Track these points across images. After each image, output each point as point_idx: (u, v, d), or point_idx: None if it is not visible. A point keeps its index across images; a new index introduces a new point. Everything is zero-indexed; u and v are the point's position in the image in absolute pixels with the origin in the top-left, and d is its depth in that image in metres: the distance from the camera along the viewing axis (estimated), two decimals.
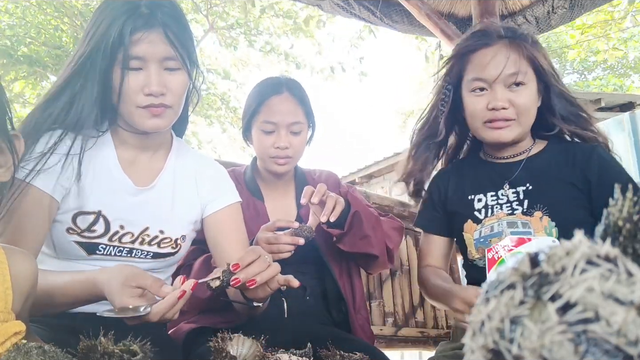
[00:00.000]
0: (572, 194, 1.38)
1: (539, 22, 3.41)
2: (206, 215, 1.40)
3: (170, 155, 1.38)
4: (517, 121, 1.39)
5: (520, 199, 1.41)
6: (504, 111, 1.37)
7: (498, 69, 1.37)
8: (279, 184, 1.72)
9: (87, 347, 0.92)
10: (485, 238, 1.45)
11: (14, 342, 0.84)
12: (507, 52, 1.39)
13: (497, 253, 1.19)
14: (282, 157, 1.60)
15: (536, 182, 1.41)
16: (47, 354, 0.79)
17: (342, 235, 1.53)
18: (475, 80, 1.41)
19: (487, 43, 1.42)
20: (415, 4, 3.31)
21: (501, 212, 1.43)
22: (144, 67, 1.20)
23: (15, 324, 0.86)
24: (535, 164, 1.44)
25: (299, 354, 1.23)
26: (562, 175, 1.39)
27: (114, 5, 1.22)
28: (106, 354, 0.90)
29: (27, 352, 0.78)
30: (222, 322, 1.48)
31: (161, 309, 1.02)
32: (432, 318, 2.54)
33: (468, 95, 1.43)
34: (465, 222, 1.49)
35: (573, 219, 1.34)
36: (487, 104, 1.38)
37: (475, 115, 1.41)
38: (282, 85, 1.63)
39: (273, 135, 1.59)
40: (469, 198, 1.50)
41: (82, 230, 1.24)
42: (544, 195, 1.39)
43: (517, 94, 1.38)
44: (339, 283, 1.63)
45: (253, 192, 1.69)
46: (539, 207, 1.38)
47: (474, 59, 1.43)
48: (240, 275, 1.05)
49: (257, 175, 1.74)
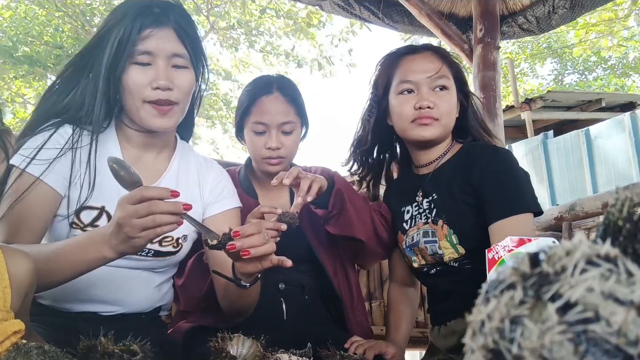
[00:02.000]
0: (463, 199, 1.44)
1: (540, 22, 3.41)
2: (206, 217, 1.41)
3: (175, 157, 1.39)
4: (440, 122, 1.48)
5: (431, 208, 1.51)
6: (429, 110, 1.47)
7: (425, 72, 1.49)
8: None
9: (87, 347, 0.92)
10: (410, 247, 1.53)
11: (14, 341, 0.84)
12: (433, 58, 1.52)
13: (497, 253, 1.19)
14: (275, 157, 1.59)
15: (439, 192, 1.50)
16: (47, 354, 0.79)
17: (328, 216, 1.52)
18: (403, 82, 1.51)
19: (414, 50, 1.56)
20: (416, 4, 3.31)
21: (420, 222, 1.52)
22: (152, 63, 1.22)
23: (14, 323, 0.86)
24: (443, 172, 1.52)
25: (299, 354, 1.23)
26: (458, 181, 1.47)
27: (127, 5, 1.25)
28: (106, 354, 0.91)
29: (27, 352, 0.78)
30: (221, 322, 1.48)
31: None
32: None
33: (396, 98, 1.53)
34: (397, 234, 1.60)
35: (467, 224, 1.42)
36: (415, 104, 1.48)
37: (403, 115, 1.50)
38: (273, 84, 1.62)
39: (264, 136, 1.59)
40: (401, 210, 1.60)
41: (86, 225, 1.24)
42: (444, 204, 1.48)
43: (441, 97, 1.49)
44: (334, 281, 1.63)
45: (247, 190, 1.69)
46: (442, 215, 1.47)
47: (401, 64, 1.54)
48: (237, 243, 1.06)
49: (252, 174, 1.74)
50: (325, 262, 1.63)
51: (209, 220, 1.40)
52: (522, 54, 16.56)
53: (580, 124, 9.05)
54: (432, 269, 1.49)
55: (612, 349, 0.32)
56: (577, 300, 0.34)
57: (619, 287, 0.34)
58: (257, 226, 1.11)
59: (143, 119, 1.25)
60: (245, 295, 1.28)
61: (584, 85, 16.72)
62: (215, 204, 1.42)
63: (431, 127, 1.48)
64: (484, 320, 0.37)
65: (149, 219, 0.97)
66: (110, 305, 1.30)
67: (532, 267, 0.37)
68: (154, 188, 1.02)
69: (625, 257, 0.36)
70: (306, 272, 1.64)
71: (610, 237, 0.41)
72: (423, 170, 1.58)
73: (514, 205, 1.36)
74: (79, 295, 1.25)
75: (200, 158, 1.48)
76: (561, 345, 0.33)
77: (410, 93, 1.50)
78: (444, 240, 1.43)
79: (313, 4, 3.72)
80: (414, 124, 1.49)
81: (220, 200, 1.43)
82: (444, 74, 1.50)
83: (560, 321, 0.33)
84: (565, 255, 0.36)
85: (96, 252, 1.04)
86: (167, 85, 1.22)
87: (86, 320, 1.25)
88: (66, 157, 1.24)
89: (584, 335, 0.33)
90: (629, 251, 0.40)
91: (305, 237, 1.62)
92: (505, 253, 1.18)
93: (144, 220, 0.97)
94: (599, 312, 0.33)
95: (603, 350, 0.32)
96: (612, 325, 0.32)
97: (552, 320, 0.33)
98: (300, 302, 1.60)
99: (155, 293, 1.39)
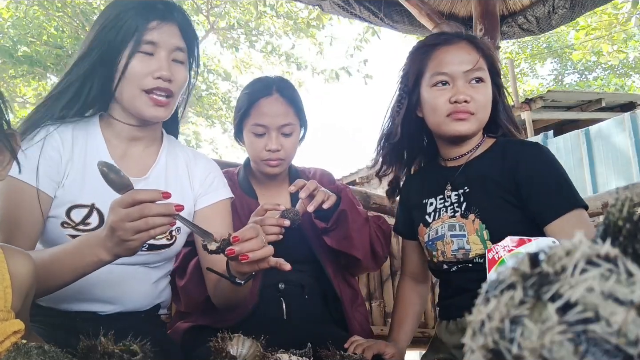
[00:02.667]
0: (501, 195, 1.41)
1: (540, 22, 3.41)
2: (197, 209, 1.42)
3: (162, 150, 1.40)
4: (476, 116, 1.43)
5: (460, 201, 1.46)
6: (465, 104, 1.41)
7: (460, 63, 1.43)
8: (273, 184, 1.72)
9: (87, 347, 0.92)
10: (432, 241, 1.49)
11: (14, 340, 0.84)
12: (468, 49, 1.45)
13: (497, 253, 1.19)
14: (274, 159, 1.60)
15: (472, 185, 1.46)
16: (47, 354, 0.79)
17: (326, 229, 1.54)
18: (437, 74, 1.44)
19: (448, 41, 1.48)
20: (416, 4, 3.31)
21: (445, 215, 1.48)
22: (155, 53, 1.26)
23: (14, 323, 0.86)
24: (475, 166, 1.48)
25: (299, 354, 1.23)
26: (493, 176, 1.43)
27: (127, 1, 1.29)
28: (106, 354, 0.91)
29: (27, 352, 0.78)
30: (220, 321, 1.48)
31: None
32: (432, 318, 2.54)
33: (429, 91, 1.46)
34: (418, 226, 1.55)
35: (502, 220, 1.38)
36: (450, 98, 1.42)
37: (438, 109, 1.44)
38: (272, 86, 1.62)
39: (264, 138, 1.59)
40: (424, 202, 1.56)
41: (77, 223, 1.24)
42: (477, 198, 1.43)
43: (477, 89, 1.43)
44: (334, 282, 1.63)
45: (246, 191, 1.69)
46: (474, 209, 1.42)
47: (435, 55, 1.47)
48: (236, 248, 1.08)
49: (251, 174, 1.74)
50: (325, 263, 1.63)
51: (200, 212, 1.41)
52: (522, 54, 16.57)
53: (580, 124, 9.05)
54: (453, 267, 1.45)
55: (612, 349, 0.32)
56: (577, 300, 0.34)
57: (619, 287, 0.34)
58: (255, 230, 1.13)
59: (138, 107, 1.27)
60: (238, 291, 1.29)
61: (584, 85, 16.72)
62: (206, 196, 1.43)
63: (467, 122, 1.42)
64: (484, 320, 0.37)
65: (142, 222, 0.98)
66: (109, 303, 1.30)
67: (532, 267, 0.37)
68: (145, 191, 1.02)
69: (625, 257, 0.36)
70: (306, 272, 1.64)
71: (610, 237, 0.41)
72: (451, 163, 1.53)
73: (568, 202, 1.33)
74: (77, 295, 1.25)
75: (188, 150, 1.49)
76: (561, 345, 0.33)
77: (444, 85, 1.44)
78: (473, 235, 1.40)
79: (313, 4, 3.72)
80: (449, 118, 1.43)
81: (210, 192, 1.43)
82: (480, 66, 1.44)
83: (560, 321, 0.33)
84: (565, 255, 0.36)
85: (92, 256, 1.05)
86: (169, 77, 1.25)
87: (85, 320, 1.25)
88: (52, 157, 1.25)
89: (584, 335, 0.33)
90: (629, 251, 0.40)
91: (307, 238, 1.62)
92: (505, 253, 1.18)
93: (137, 224, 0.98)
94: (599, 312, 0.33)
95: (603, 350, 0.32)
96: (612, 325, 0.32)
97: (552, 320, 0.33)
98: (300, 302, 1.60)
99: (153, 290, 1.39)
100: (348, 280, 1.71)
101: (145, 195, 0.99)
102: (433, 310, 2.57)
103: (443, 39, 1.49)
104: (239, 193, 1.67)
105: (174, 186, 1.37)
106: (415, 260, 1.65)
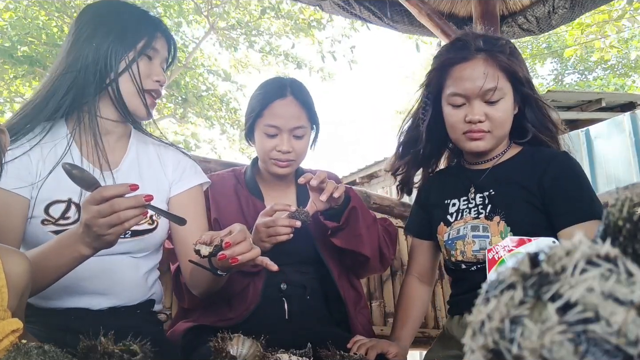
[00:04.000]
0: (527, 199, 1.43)
1: (540, 22, 3.41)
2: (172, 195, 1.46)
3: (131, 141, 1.45)
4: (492, 133, 1.45)
5: (485, 203, 1.49)
6: (480, 124, 1.43)
7: (475, 84, 1.42)
8: (280, 184, 1.72)
9: (87, 347, 0.92)
10: (452, 240, 1.51)
11: (12, 339, 0.84)
12: (485, 67, 1.43)
13: (497, 253, 1.19)
14: (284, 160, 1.60)
15: (498, 188, 1.48)
16: (47, 354, 0.79)
17: (337, 229, 1.54)
18: (453, 95, 1.46)
19: (465, 57, 1.46)
20: (416, 4, 3.31)
21: (469, 216, 1.50)
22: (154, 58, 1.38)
23: (12, 322, 0.86)
24: (501, 170, 1.50)
25: (299, 354, 1.23)
26: (520, 180, 1.45)
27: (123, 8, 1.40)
28: (106, 354, 0.91)
29: (27, 352, 0.78)
30: (220, 321, 1.48)
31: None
32: (432, 318, 2.54)
33: (447, 108, 1.49)
34: (438, 225, 1.57)
35: (527, 223, 1.40)
36: (465, 117, 1.44)
37: (455, 127, 1.48)
38: (286, 88, 1.62)
39: (276, 139, 1.59)
40: (445, 202, 1.58)
41: (57, 219, 1.27)
42: (503, 201, 1.46)
43: (493, 108, 1.44)
44: (338, 283, 1.63)
45: (253, 191, 1.69)
46: (499, 211, 1.45)
47: (453, 73, 1.48)
48: (227, 252, 1.14)
49: (258, 174, 1.74)
50: (330, 264, 1.63)
51: (175, 199, 1.45)
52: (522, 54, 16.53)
53: (580, 124, 9.04)
54: (472, 266, 1.47)
55: (612, 349, 0.32)
56: (577, 300, 0.34)
57: (619, 287, 0.34)
58: (244, 233, 1.19)
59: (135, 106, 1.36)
60: (218, 281, 1.35)
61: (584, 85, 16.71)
62: (179, 182, 1.47)
63: (482, 141, 1.45)
64: (484, 320, 0.37)
65: (114, 216, 1.02)
66: (99, 295, 1.31)
67: (532, 267, 0.37)
68: (112, 187, 1.06)
69: (625, 257, 0.36)
70: (309, 273, 1.64)
71: (610, 237, 0.41)
72: (476, 166, 1.56)
73: (586, 212, 1.37)
74: (66, 290, 1.27)
75: (155, 139, 1.53)
76: (561, 345, 0.33)
77: (460, 105, 1.46)
78: (497, 237, 1.42)
79: (313, 4, 3.72)
80: (464, 136, 1.46)
81: (184, 178, 1.48)
82: (497, 85, 1.42)
83: (560, 321, 0.33)
84: (565, 255, 0.36)
85: (73, 252, 1.09)
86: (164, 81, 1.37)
87: (79, 318, 1.27)
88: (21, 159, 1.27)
89: (584, 335, 0.33)
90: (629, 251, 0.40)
91: (311, 239, 1.62)
92: (505, 253, 1.18)
93: (110, 219, 1.02)
94: (599, 312, 0.33)
95: (603, 350, 0.32)
96: (612, 325, 0.32)
97: (552, 320, 0.33)
98: (302, 302, 1.60)
99: (143, 282, 1.40)
100: (352, 283, 1.71)
101: (114, 191, 1.03)
102: (433, 311, 2.57)
103: (460, 56, 1.47)
104: (245, 193, 1.67)
105: (147, 174, 1.42)
106: (424, 261, 1.67)
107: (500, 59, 1.45)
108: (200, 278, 1.37)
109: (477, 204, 1.50)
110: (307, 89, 1.69)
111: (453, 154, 1.71)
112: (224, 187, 1.68)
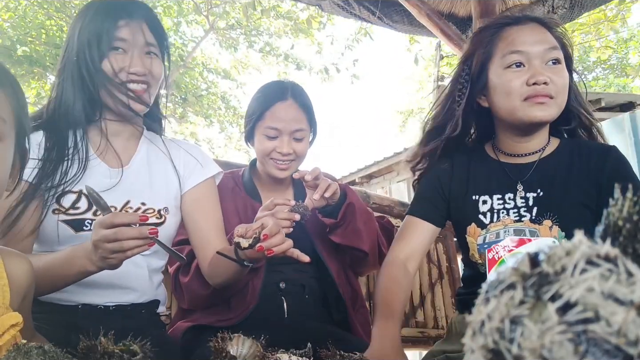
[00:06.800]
0: (582, 201, 1.30)
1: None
2: (184, 191, 1.47)
3: (142, 141, 1.46)
4: (555, 100, 1.29)
5: (529, 205, 1.33)
6: (545, 86, 1.26)
7: (536, 42, 1.29)
8: (277, 186, 1.72)
9: (87, 347, 0.92)
10: (489, 244, 1.34)
11: (12, 333, 0.85)
12: (541, 30, 1.33)
13: (497, 253, 1.19)
14: (284, 160, 1.61)
15: (547, 188, 1.32)
16: (47, 354, 0.79)
17: (335, 226, 1.55)
18: (511, 53, 1.30)
19: (519, 21, 1.34)
20: (416, 4, 3.31)
21: (508, 218, 1.34)
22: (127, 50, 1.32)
23: (12, 316, 0.87)
24: (548, 166, 1.34)
25: (299, 353, 1.23)
26: (575, 180, 1.31)
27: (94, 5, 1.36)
28: (106, 354, 0.90)
29: (27, 352, 0.78)
30: (219, 321, 1.48)
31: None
32: (432, 318, 2.54)
33: (501, 73, 1.32)
34: (469, 225, 1.40)
35: (585, 228, 1.30)
36: (527, 80, 1.28)
37: (513, 92, 1.29)
38: (287, 91, 1.63)
39: (276, 141, 1.61)
40: (473, 198, 1.40)
41: (67, 208, 1.29)
42: (555, 203, 1.30)
43: (555, 71, 1.29)
44: (337, 282, 1.63)
45: (250, 193, 1.70)
46: (549, 215, 1.30)
47: (507, 35, 1.33)
48: (264, 244, 1.19)
49: (256, 177, 1.74)
50: (329, 263, 1.64)
51: (188, 194, 1.47)
52: None
53: None
54: None
55: (612, 349, 0.32)
56: (577, 300, 0.34)
57: (619, 287, 0.34)
58: (278, 226, 1.23)
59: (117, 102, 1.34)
60: (241, 272, 1.37)
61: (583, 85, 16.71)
62: (191, 177, 1.48)
63: (547, 107, 1.27)
64: (484, 320, 0.37)
65: (116, 244, 1.07)
66: (106, 289, 1.32)
67: (532, 267, 0.37)
68: (122, 215, 1.11)
69: (625, 257, 0.36)
70: (308, 272, 1.64)
71: (610, 237, 0.41)
72: (516, 159, 1.38)
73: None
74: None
75: (168, 139, 1.54)
76: (561, 345, 0.33)
77: (519, 67, 1.29)
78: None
79: (313, 4, 3.72)
80: (526, 102, 1.28)
81: (195, 172, 1.49)
82: (557, 44, 1.30)
83: (560, 321, 0.33)
84: (565, 255, 0.36)
85: (80, 266, 1.13)
86: (143, 72, 1.33)
87: (86, 315, 1.28)
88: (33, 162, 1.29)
89: (584, 335, 0.33)
90: (629, 251, 0.40)
91: (310, 237, 1.63)
92: (505, 253, 1.18)
93: (113, 245, 1.07)
94: (599, 312, 0.33)
95: (603, 350, 0.32)
96: (612, 325, 0.32)
97: (552, 320, 0.33)
98: (301, 301, 1.61)
99: (149, 280, 1.41)
100: (350, 281, 1.72)
101: (123, 219, 1.07)
102: (433, 311, 2.57)
103: (512, 19, 1.35)
104: (243, 195, 1.68)
105: (157, 172, 1.43)
106: (418, 245, 1.44)
107: (555, 29, 1.35)
108: (224, 269, 1.39)
109: (517, 205, 1.34)
110: (307, 93, 1.70)
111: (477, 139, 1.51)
112: (221, 189, 1.69)
